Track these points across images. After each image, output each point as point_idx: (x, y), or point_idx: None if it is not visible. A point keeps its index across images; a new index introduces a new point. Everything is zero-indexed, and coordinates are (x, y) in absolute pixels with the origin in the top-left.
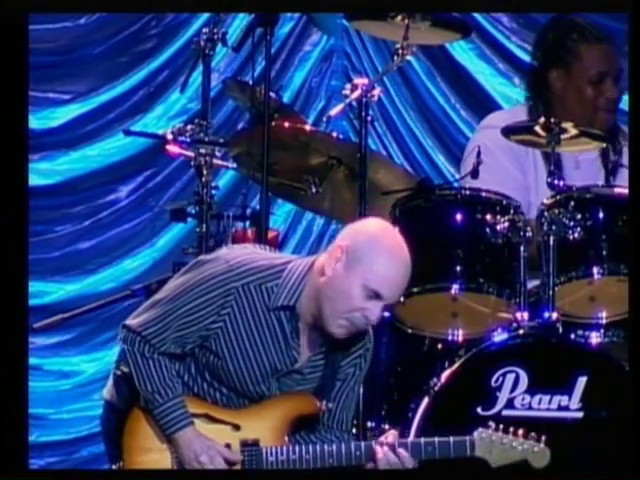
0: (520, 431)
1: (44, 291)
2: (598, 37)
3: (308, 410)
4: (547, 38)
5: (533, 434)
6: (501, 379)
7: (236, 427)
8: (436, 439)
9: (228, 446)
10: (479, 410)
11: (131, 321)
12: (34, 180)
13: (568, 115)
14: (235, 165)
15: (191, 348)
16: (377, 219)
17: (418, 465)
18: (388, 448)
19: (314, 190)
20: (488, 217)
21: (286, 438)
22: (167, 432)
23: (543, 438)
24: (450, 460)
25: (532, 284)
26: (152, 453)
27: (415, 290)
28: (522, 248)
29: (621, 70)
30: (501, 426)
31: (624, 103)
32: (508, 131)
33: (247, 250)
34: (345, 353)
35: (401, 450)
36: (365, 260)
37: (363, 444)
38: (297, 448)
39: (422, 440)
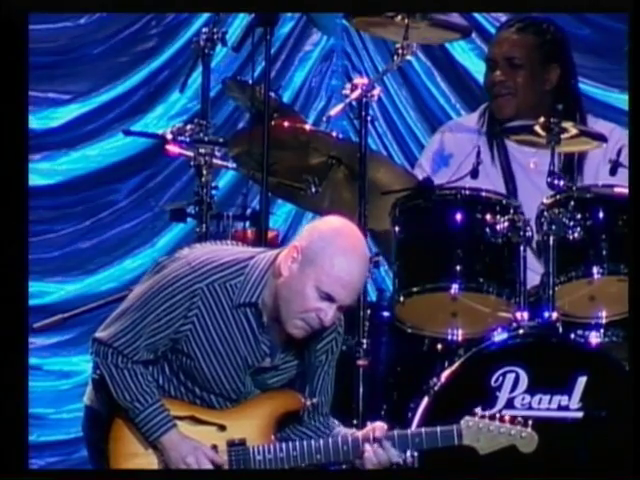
0: (507, 417)
1: (44, 291)
2: (499, 28)
3: (293, 406)
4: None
5: (520, 419)
6: (501, 379)
7: (222, 427)
8: (423, 429)
9: (215, 447)
10: (479, 410)
11: (101, 334)
12: (34, 180)
13: (499, 115)
14: (235, 165)
15: (163, 352)
16: (337, 217)
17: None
18: (375, 444)
19: (314, 190)
20: (488, 217)
21: (273, 436)
22: (151, 438)
23: (530, 423)
24: (449, 460)
25: (532, 284)
26: (138, 458)
27: (415, 290)
28: (522, 248)
29: (517, 57)
30: (487, 413)
31: (623, 103)
32: (508, 131)
33: (209, 249)
34: (316, 342)
35: (387, 444)
36: (318, 261)
37: (350, 439)
38: (284, 446)
39: (409, 431)
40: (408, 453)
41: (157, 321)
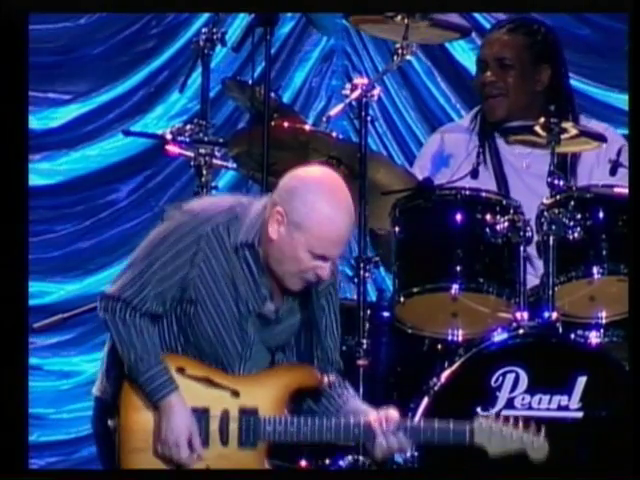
0: (520, 422)
1: (44, 291)
2: (489, 30)
3: (309, 382)
4: None
5: (533, 425)
6: (501, 379)
7: (235, 393)
8: (436, 424)
9: (226, 412)
10: (479, 410)
11: (109, 289)
12: (34, 180)
13: (490, 116)
14: (235, 165)
15: (172, 305)
16: (314, 170)
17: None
18: (389, 432)
19: None
20: (488, 217)
21: (285, 409)
22: (154, 400)
23: (543, 429)
24: (450, 460)
25: (532, 284)
26: (147, 412)
27: (415, 290)
28: (522, 248)
29: (507, 57)
30: (501, 415)
31: (623, 103)
32: (508, 131)
33: (210, 198)
34: (315, 290)
35: (400, 434)
36: (305, 227)
37: (363, 422)
38: (296, 420)
39: (422, 424)
40: (409, 454)
41: (164, 268)
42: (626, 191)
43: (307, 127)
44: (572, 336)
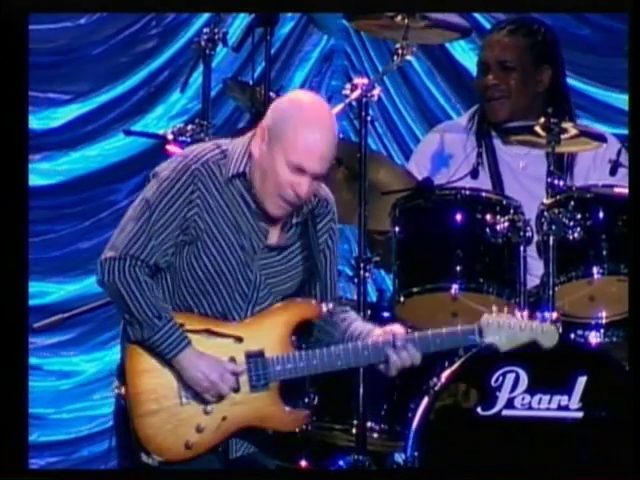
0: (525, 312)
1: (44, 291)
2: (489, 31)
3: (309, 314)
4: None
5: (539, 314)
6: (501, 379)
7: (239, 339)
8: (444, 330)
9: (233, 360)
10: (479, 410)
11: (110, 252)
12: (34, 180)
13: (493, 118)
14: None
15: (173, 253)
16: (300, 91)
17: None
18: (399, 348)
19: None
20: (488, 217)
21: (291, 346)
22: (169, 356)
23: (554, 316)
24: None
25: (532, 284)
26: (155, 374)
27: (415, 290)
28: (522, 248)
29: (508, 60)
30: (505, 309)
31: (623, 103)
32: (508, 131)
33: (191, 145)
34: (314, 224)
35: (410, 347)
36: (283, 136)
37: (371, 343)
38: (304, 354)
39: (429, 332)
40: (408, 453)
41: (164, 215)
42: (626, 191)
43: None
44: (572, 336)
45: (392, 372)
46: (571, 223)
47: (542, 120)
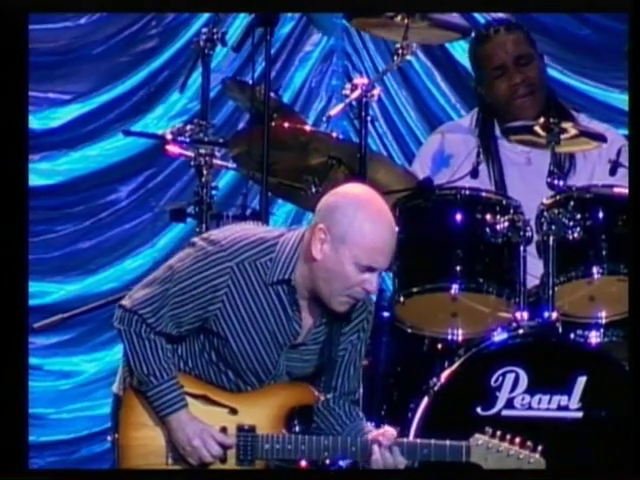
0: (517, 439)
1: (44, 291)
2: (486, 35)
3: (307, 400)
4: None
5: (529, 444)
6: (501, 379)
7: (233, 411)
8: (432, 441)
9: (224, 430)
10: (479, 410)
11: (127, 301)
12: (34, 180)
13: (507, 116)
14: (235, 165)
15: (188, 329)
16: (351, 186)
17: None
18: (384, 448)
19: (314, 190)
20: (488, 217)
21: (283, 428)
22: (161, 414)
23: (539, 448)
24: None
25: (532, 284)
26: (147, 429)
27: (415, 290)
28: (522, 248)
29: (521, 55)
30: (498, 432)
31: (623, 103)
32: (508, 131)
33: (237, 228)
34: (347, 320)
35: (396, 450)
36: (349, 238)
37: (359, 440)
38: (293, 438)
39: (418, 441)
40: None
41: (182, 294)
42: (626, 191)
43: (307, 127)
44: (572, 336)
45: (373, 467)
46: (571, 223)
47: (542, 120)
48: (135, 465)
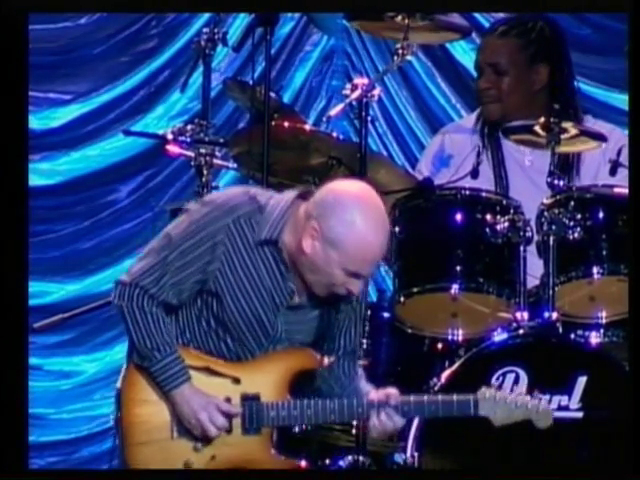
0: (523, 389)
1: (44, 291)
2: (485, 34)
3: (309, 364)
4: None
5: (536, 393)
6: (501, 379)
7: (236, 380)
8: (440, 397)
9: (228, 400)
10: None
11: (125, 276)
12: (34, 180)
13: (487, 119)
14: (235, 165)
15: (187, 296)
16: (350, 185)
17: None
18: (381, 411)
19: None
20: (488, 217)
21: (287, 394)
22: (165, 389)
23: (547, 397)
24: (450, 460)
25: (532, 284)
26: (150, 405)
27: (415, 290)
28: (522, 248)
29: (503, 63)
30: (504, 385)
31: (623, 103)
32: (508, 131)
33: (229, 189)
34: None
35: (392, 412)
36: (341, 246)
37: (365, 402)
38: (299, 403)
39: (425, 398)
40: (408, 453)
41: (182, 257)
42: (626, 191)
43: (307, 127)
44: (572, 336)
45: (372, 434)
46: (571, 223)
47: (542, 120)
48: (139, 442)
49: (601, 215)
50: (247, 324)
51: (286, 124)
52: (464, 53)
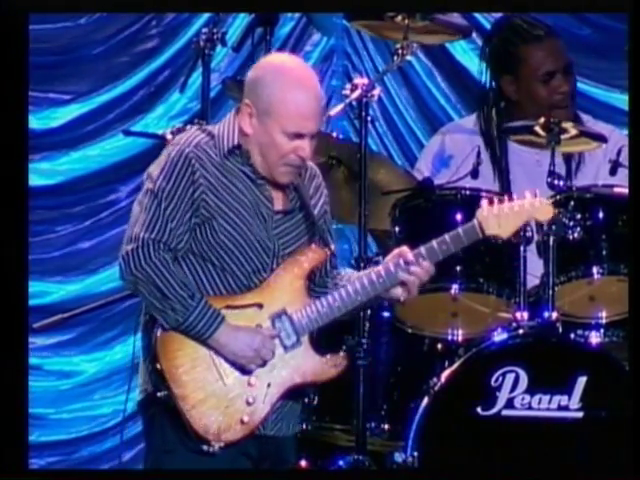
0: (514, 195)
1: (44, 291)
2: (537, 36)
3: (318, 260)
4: (491, 46)
5: (528, 192)
6: (501, 379)
7: (259, 306)
8: (446, 236)
9: (259, 327)
10: (479, 410)
11: (129, 245)
12: (35, 180)
13: (527, 118)
14: None
15: (188, 238)
16: (272, 57)
17: None
18: (409, 265)
19: None
20: None
21: (309, 297)
22: (206, 335)
23: (537, 192)
24: (449, 460)
25: (532, 284)
26: (194, 366)
27: None
28: (522, 248)
29: (570, 63)
30: (495, 199)
31: (624, 103)
32: (508, 131)
33: (178, 135)
34: (310, 184)
35: (422, 261)
36: (273, 109)
37: (383, 270)
38: (324, 301)
39: (434, 242)
40: (408, 453)
41: (172, 199)
42: (626, 191)
43: None
44: (572, 336)
45: (413, 292)
46: (571, 223)
47: (542, 120)
48: (197, 401)
49: (601, 215)
50: (246, 242)
51: None
52: (464, 53)
